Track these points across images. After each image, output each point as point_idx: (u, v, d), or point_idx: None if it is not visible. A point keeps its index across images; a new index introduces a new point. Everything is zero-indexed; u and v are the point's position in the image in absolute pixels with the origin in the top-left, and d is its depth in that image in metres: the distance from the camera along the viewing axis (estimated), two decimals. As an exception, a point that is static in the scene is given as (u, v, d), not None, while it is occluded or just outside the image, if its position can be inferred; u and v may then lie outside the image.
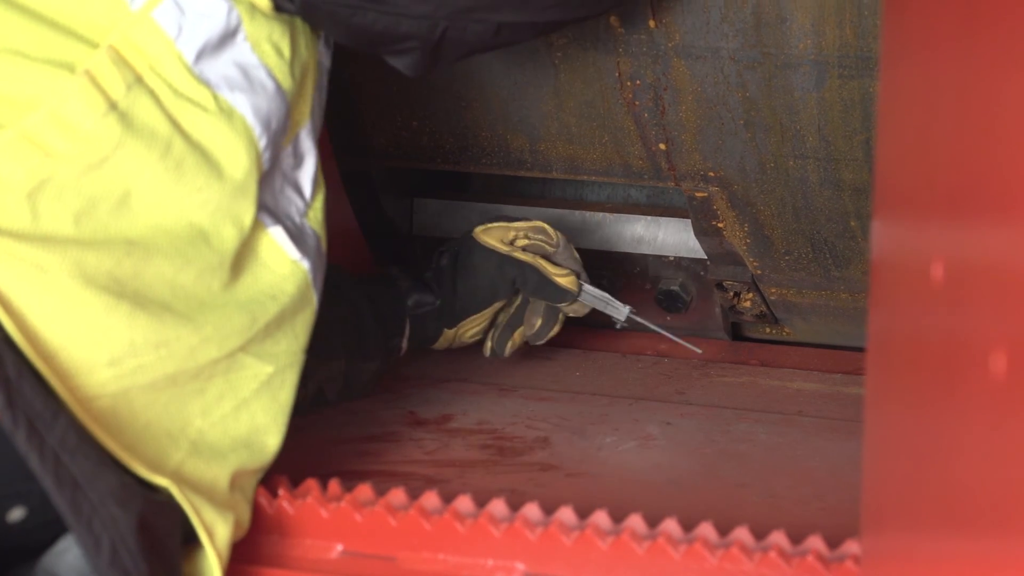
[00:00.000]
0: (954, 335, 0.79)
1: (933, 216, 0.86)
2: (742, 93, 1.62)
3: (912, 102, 0.93)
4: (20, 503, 1.14)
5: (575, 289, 1.66)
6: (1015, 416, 0.66)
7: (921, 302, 0.87)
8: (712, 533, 1.23)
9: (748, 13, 1.57)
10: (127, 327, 1.12)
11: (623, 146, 1.72)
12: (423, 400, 1.70)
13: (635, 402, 1.70)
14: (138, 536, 1.09)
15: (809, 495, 1.43)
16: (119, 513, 1.09)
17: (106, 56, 1.15)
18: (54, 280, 1.09)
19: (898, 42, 0.98)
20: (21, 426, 1.05)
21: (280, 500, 1.29)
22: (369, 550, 1.28)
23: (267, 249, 1.24)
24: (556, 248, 1.66)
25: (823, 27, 1.55)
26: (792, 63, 1.58)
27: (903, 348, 0.94)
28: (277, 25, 1.24)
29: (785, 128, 1.62)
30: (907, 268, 0.92)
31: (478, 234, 1.64)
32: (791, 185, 1.67)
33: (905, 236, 0.95)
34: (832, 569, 1.18)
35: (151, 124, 1.16)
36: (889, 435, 0.99)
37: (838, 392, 1.73)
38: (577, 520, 1.26)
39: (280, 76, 1.24)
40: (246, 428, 1.22)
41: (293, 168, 1.30)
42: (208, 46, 1.19)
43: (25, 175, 1.11)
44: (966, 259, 0.78)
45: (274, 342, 1.24)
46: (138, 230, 1.15)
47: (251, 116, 1.21)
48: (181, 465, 1.17)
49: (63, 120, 1.13)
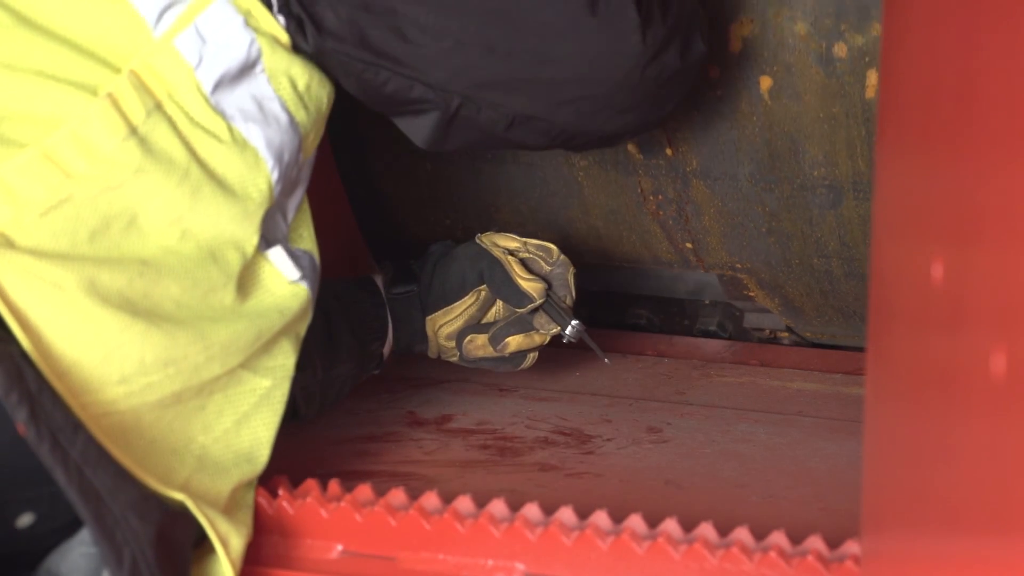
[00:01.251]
0: (954, 335, 0.79)
1: (933, 216, 0.86)
2: (762, 208, 1.68)
3: (912, 100, 0.93)
4: (29, 509, 1.14)
5: (536, 297, 1.58)
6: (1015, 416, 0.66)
7: (921, 302, 0.87)
8: (712, 533, 1.23)
9: (760, 145, 1.62)
10: (139, 345, 1.12)
11: (651, 244, 1.80)
12: (423, 400, 1.70)
13: (635, 402, 1.70)
14: (156, 548, 1.10)
15: (809, 495, 1.43)
16: (139, 525, 1.09)
17: (128, 81, 1.16)
18: (70, 298, 1.10)
19: (898, 39, 0.98)
20: (45, 440, 1.05)
21: (280, 500, 1.29)
22: (369, 550, 1.28)
23: (268, 273, 1.24)
24: (552, 267, 1.61)
25: (835, 158, 1.61)
26: (808, 186, 1.64)
27: (903, 348, 0.94)
28: (296, 59, 1.24)
29: (807, 235, 1.68)
30: (907, 268, 0.92)
31: (481, 235, 1.63)
32: (817, 276, 1.73)
33: (905, 236, 0.95)
34: (832, 569, 1.18)
35: (169, 151, 1.16)
36: (889, 435, 0.99)
37: (838, 392, 1.73)
38: (577, 520, 1.26)
39: (294, 109, 1.24)
40: (248, 443, 1.23)
41: (287, 195, 1.30)
42: (227, 77, 1.20)
43: (45, 193, 1.11)
44: (966, 259, 0.78)
45: (270, 356, 1.25)
46: (150, 251, 1.16)
47: (264, 149, 1.21)
48: (188, 481, 1.17)
49: (84, 142, 1.13)
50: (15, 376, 1.04)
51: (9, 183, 1.11)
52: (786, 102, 1.60)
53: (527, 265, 1.60)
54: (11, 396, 1.03)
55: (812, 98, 1.58)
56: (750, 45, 1.58)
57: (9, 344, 1.06)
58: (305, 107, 1.25)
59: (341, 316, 1.54)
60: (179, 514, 1.15)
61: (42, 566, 1.17)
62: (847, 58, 1.54)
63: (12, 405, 1.03)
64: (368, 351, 1.59)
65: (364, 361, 1.58)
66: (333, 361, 1.52)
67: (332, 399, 1.55)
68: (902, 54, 0.96)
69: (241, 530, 1.20)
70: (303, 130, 1.25)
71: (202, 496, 1.18)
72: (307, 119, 1.25)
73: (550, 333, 1.60)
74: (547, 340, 1.62)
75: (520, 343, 1.61)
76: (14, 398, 1.03)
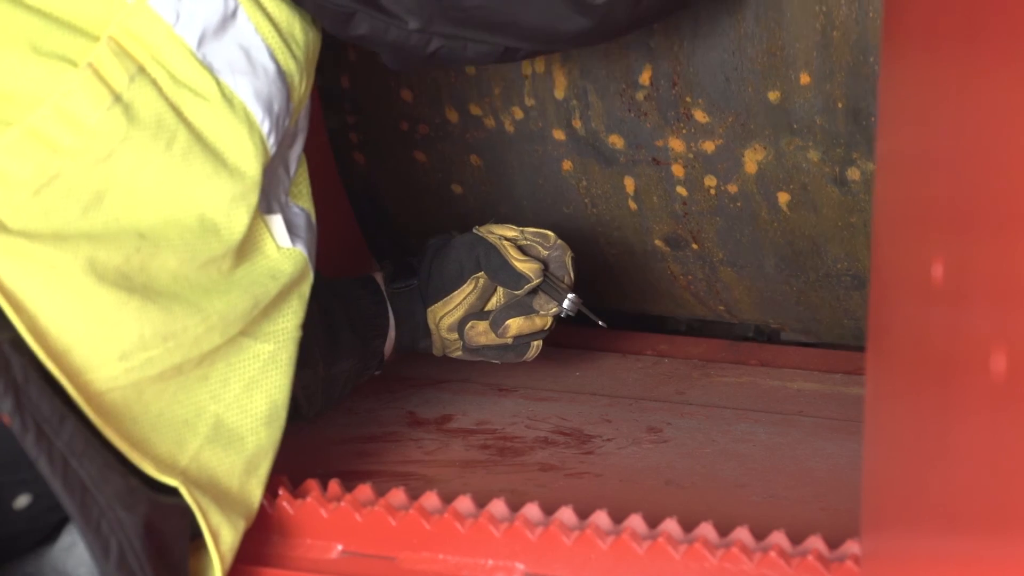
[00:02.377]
0: (954, 335, 0.79)
1: (933, 216, 0.86)
2: (790, 288, 1.73)
3: (912, 100, 0.93)
4: (26, 490, 1.14)
5: (532, 276, 1.56)
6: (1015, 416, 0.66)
7: (921, 302, 0.87)
8: (712, 533, 1.23)
9: (783, 244, 1.67)
10: (137, 321, 1.12)
11: (684, 306, 1.88)
12: (423, 400, 1.70)
13: (635, 402, 1.70)
14: (144, 539, 1.10)
15: (809, 495, 1.43)
16: (125, 516, 1.09)
17: (107, 48, 1.15)
18: (67, 278, 1.09)
19: (899, 40, 0.98)
20: (30, 430, 1.05)
21: (280, 500, 1.29)
22: (369, 550, 1.28)
23: (262, 236, 1.24)
24: (549, 251, 1.59)
25: (857, 254, 1.65)
26: (832, 275, 1.69)
27: (903, 348, 0.94)
28: (279, 5, 1.23)
29: (835, 308, 1.74)
30: (907, 268, 0.92)
31: (479, 226, 1.61)
32: (848, 330, 1.80)
33: (905, 236, 0.95)
34: (832, 569, 1.18)
35: (156, 115, 1.15)
36: (889, 435, 0.99)
37: (838, 392, 1.73)
38: (577, 520, 1.26)
39: (281, 58, 1.23)
40: (265, 407, 1.22)
41: (288, 147, 1.30)
42: (209, 30, 1.19)
43: (34, 172, 1.10)
44: (966, 259, 0.78)
45: (271, 321, 1.24)
46: (148, 223, 1.15)
47: (252, 101, 1.20)
48: (199, 453, 1.16)
49: (69, 115, 1.12)
50: (1, 366, 1.04)
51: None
52: (804, 213, 1.63)
53: (524, 251, 1.59)
54: None
55: (830, 211, 1.61)
56: (765, 168, 1.61)
57: None
58: (292, 54, 1.24)
59: (342, 313, 1.54)
60: (169, 506, 1.14)
61: (46, 561, 1.17)
62: (860, 180, 1.57)
63: None
64: (370, 348, 1.58)
65: (366, 359, 1.58)
66: (335, 358, 1.52)
67: (334, 397, 1.55)
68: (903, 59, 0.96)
69: (236, 523, 1.19)
70: (290, 78, 1.24)
71: (208, 476, 1.17)
72: (294, 66, 1.24)
73: (550, 313, 1.58)
74: (548, 323, 1.59)
75: (521, 326, 1.58)
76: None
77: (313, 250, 1.31)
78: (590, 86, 1.66)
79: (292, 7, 1.25)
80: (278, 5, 1.24)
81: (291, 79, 1.24)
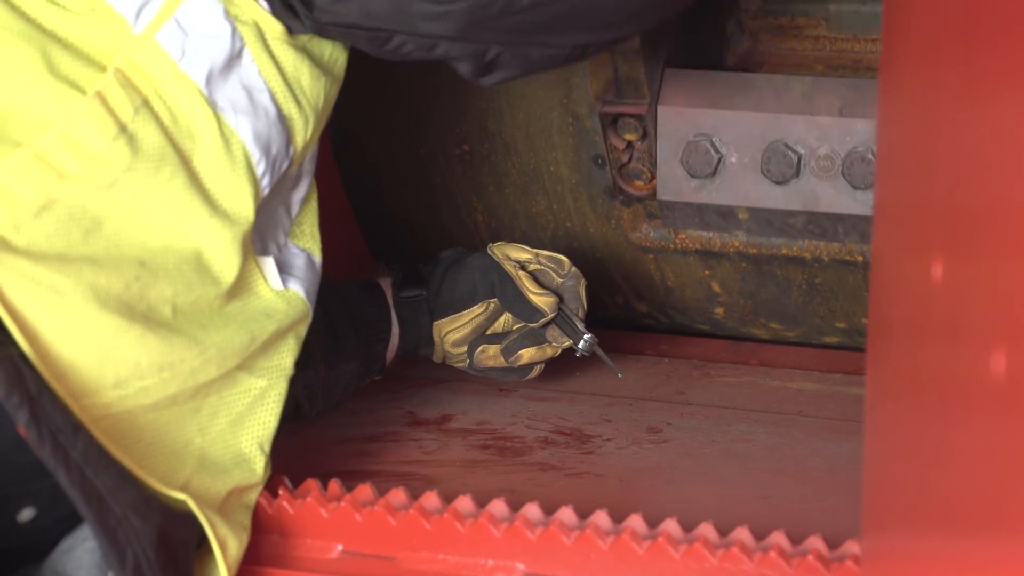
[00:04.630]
0: (954, 335, 0.79)
1: (933, 216, 0.86)
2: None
3: (912, 100, 0.93)
4: (30, 503, 1.14)
5: (547, 311, 1.55)
6: (1015, 416, 0.66)
7: (921, 302, 0.87)
8: (712, 533, 1.23)
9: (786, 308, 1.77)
10: (134, 349, 1.12)
11: None
12: (423, 400, 1.69)
13: (635, 402, 1.70)
14: (157, 548, 1.10)
15: (809, 495, 1.43)
16: (140, 525, 1.09)
17: (114, 79, 1.15)
18: (69, 302, 1.09)
19: (899, 41, 0.98)
20: (47, 441, 1.05)
21: (280, 500, 1.29)
22: (369, 550, 1.28)
23: (254, 277, 1.23)
24: (564, 280, 1.58)
25: (854, 317, 1.74)
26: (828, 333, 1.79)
27: (903, 348, 0.94)
28: (288, 50, 1.22)
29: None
30: (907, 268, 0.92)
31: (493, 246, 1.60)
32: None
33: (905, 236, 0.95)
34: (832, 569, 1.18)
35: (158, 148, 1.15)
36: (889, 435, 0.99)
37: (838, 392, 1.73)
38: (577, 520, 1.26)
39: (283, 102, 1.22)
40: (246, 444, 1.22)
41: (290, 190, 1.29)
42: (216, 68, 1.18)
43: (38, 195, 1.11)
44: (966, 259, 0.78)
45: (268, 357, 1.24)
46: (147, 251, 1.15)
47: (251, 141, 1.20)
48: (189, 481, 1.17)
49: (75, 141, 1.12)
50: (15, 378, 1.04)
51: (3, 184, 1.10)
52: None
53: (537, 278, 1.59)
54: (12, 398, 1.03)
55: None
56: None
57: (8, 346, 1.06)
58: (296, 101, 1.23)
59: (345, 315, 1.54)
60: (179, 515, 1.15)
61: (47, 566, 1.17)
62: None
63: (13, 407, 1.03)
64: (372, 351, 1.58)
65: (368, 361, 1.58)
66: (336, 359, 1.52)
67: (335, 399, 1.55)
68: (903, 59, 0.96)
69: (240, 534, 1.20)
70: (290, 123, 1.23)
71: (203, 496, 1.17)
72: (296, 112, 1.23)
73: (562, 346, 1.59)
74: (559, 352, 1.61)
75: (533, 356, 1.59)
76: (15, 400, 1.03)
77: (313, 290, 1.30)
78: None
79: (302, 55, 1.23)
80: (286, 50, 1.22)
81: (291, 123, 1.23)
